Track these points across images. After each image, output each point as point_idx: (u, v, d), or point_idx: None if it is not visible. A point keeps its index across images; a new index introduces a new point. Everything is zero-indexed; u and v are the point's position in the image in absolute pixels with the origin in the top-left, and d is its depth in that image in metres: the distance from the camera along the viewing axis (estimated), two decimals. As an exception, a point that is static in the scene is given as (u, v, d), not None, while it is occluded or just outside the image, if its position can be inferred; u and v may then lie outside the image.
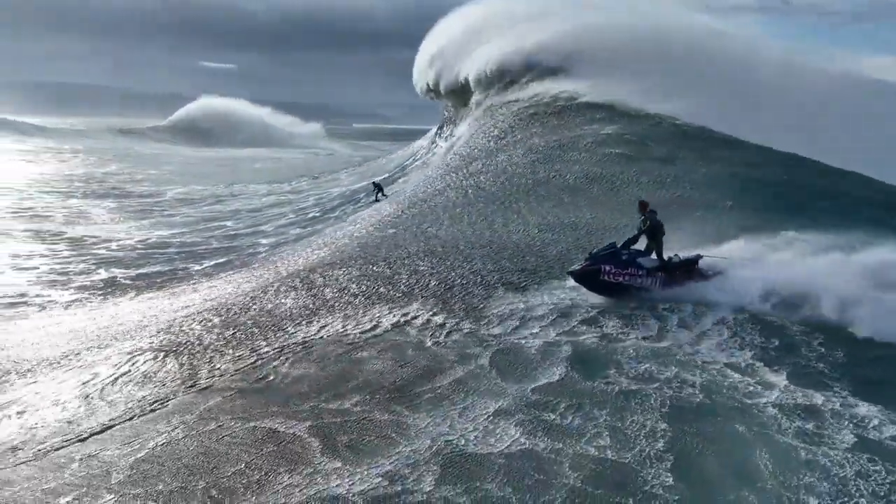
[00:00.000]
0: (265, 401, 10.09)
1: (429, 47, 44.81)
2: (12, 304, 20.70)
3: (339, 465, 8.11)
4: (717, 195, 19.62)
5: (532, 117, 30.01)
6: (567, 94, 30.65)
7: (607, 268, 12.23)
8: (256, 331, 13.60)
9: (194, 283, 21.67)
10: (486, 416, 8.84)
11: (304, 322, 13.68)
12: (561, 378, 9.72)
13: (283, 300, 15.65)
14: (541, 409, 8.96)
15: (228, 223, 33.68)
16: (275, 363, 11.53)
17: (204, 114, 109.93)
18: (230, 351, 12.60)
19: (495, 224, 19.24)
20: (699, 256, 12.65)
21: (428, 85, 44.52)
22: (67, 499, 8.08)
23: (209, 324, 14.71)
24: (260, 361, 11.78)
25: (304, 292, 15.89)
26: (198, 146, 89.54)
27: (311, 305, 14.79)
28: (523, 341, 11.13)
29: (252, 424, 9.30)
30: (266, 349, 12.39)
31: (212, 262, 25.39)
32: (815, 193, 20.78)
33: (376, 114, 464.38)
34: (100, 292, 22.05)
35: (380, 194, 30.49)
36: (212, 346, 13.05)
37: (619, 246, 12.56)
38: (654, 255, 12.78)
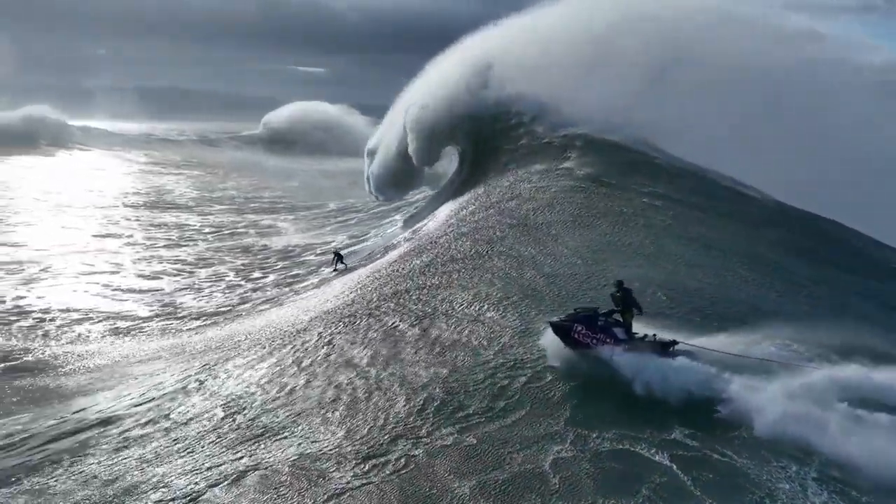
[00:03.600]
0: (602, 412, 11.74)
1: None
2: (274, 300, 25.98)
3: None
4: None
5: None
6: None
7: (579, 327, 13.26)
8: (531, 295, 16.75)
9: (415, 248, 25.35)
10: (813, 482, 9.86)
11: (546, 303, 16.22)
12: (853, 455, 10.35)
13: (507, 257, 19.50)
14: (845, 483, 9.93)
15: (397, 216, 39.16)
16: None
17: (310, 121, 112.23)
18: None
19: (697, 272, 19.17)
20: (675, 342, 13.43)
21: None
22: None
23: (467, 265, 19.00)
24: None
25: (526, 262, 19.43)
26: (315, 156, 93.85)
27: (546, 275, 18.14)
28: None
29: (620, 447, 10.66)
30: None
31: (409, 246, 30.03)
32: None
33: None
34: (340, 276, 27.20)
35: (339, 263, 29.46)
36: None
37: (600, 313, 13.57)
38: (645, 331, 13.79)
